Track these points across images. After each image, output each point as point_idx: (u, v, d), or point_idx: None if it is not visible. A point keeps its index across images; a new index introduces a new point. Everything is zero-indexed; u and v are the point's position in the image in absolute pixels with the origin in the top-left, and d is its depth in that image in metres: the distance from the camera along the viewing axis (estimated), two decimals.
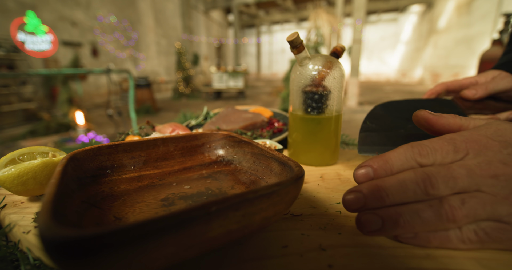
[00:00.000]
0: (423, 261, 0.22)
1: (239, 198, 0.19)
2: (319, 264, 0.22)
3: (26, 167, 0.29)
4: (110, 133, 3.73)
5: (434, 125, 0.27)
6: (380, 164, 0.24)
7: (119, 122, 3.24)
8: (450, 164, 0.23)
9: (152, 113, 5.29)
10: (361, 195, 0.23)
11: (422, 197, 0.22)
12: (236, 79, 6.58)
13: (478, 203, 0.21)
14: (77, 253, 0.14)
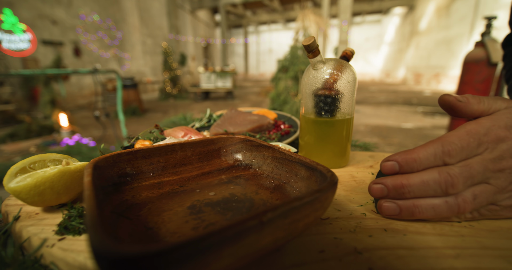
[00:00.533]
0: (454, 261, 0.23)
1: (287, 206, 0.19)
2: (359, 267, 0.22)
3: (43, 177, 0.28)
4: (96, 135, 3.61)
5: (459, 111, 0.28)
6: (408, 161, 0.26)
7: (107, 124, 3.14)
8: (471, 159, 0.25)
9: (138, 114, 5.17)
10: (386, 188, 0.27)
11: (440, 194, 0.25)
12: (224, 80, 6.55)
13: (485, 196, 0.25)
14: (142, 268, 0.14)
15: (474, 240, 0.26)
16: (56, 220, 0.28)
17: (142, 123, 4.56)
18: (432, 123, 4.00)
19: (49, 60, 4.93)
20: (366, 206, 0.32)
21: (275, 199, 0.30)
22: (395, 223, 0.29)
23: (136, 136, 0.46)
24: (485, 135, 0.25)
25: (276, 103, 5.02)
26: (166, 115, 5.18)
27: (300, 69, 4.67)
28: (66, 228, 0.26)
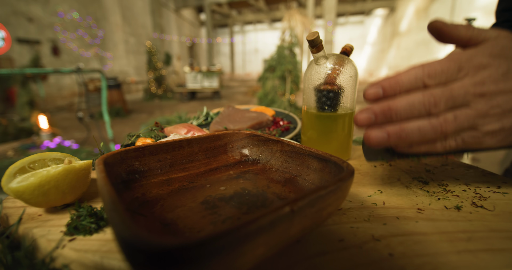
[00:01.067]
0: (467, 244, 0.24)
1: (314, 195, 0.19)
2: (380, 254, 0.23)
3: (48, 175, 0.26)
4: (78, 137, 3.48)
5: (445, 36, 0.28)
6: (391, 84, 0.26)
7: (91, 126, 3.03)
8: (451, 84, 0.25)
9: (122, 115, 5.02)
10: (373, 115, 0.26)
11: (424, 114, 0.25)
12: (211, 79, 6.49)
13: (465, 117, 0.25)
14: (180, 261, 0.14)
15: (481, 224, 0.27)
16: (62, 221, 0.27)
17: (126, 124, 4.44)
18: None
19: (25, 59, 4.69)
20: (374, 197, 0.33)
21: (288, 192, 0.30)
22: (405, 212, 0.29)
23: (137, 133, 0.45)
24: (467, 61, 0.25)
25: (263, 103, 5.03)
26: (152, 116, 5.06)
27: (287, 69, 4.71)
28: (76, 228, 0.25)
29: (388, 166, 0.44)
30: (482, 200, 0.32)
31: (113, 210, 0.16)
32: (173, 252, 0.13)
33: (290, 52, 4.77)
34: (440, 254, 0.22)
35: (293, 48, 4.94)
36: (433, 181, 0.38)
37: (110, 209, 0.17)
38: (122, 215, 0.16)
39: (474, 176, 0.40)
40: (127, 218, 0.16)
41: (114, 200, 0.18)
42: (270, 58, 4.76)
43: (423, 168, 0.43)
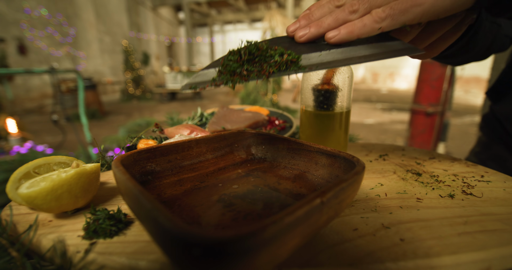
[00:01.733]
0: (465, 227, 0.27)
1: (338, 187, 0.21)
2: (392, 239, 0.25)
3: (61, 179, 0.26)
4: (50, 141, 3.28)
5: None
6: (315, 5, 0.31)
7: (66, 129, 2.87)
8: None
9: (98, 118, 4.80)
10: (298, 23, 0.30)
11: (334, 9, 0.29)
12: None
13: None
14: (235, 252, 0.14)
15: (473, 209, 0.30)
16: (76, 226, 0.26)
17: (103, 127, 4.25)
18: (390, 118, 4.36)
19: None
20: (376, 189, 0.35)
21: (299, 187, 0.31)
22: (407, 201, 0.32)
23: (138, 135, 0.44)
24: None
25: (246, 103, 5.04)
26: (131, 118, 4.89)
27: None
28: (96, 231, 0.24)
29: (383, 160, 0.47)
30: (470, 188, 0.35)
31: (155, 209, 0.17)
32: (228, 243, 0.14)
33: None
34: (444, 237, 0.25)
35: None
36: (425, 173, 0.41)
37: (150, 208, 0.17)
38: (166, 213, 0.16)
39: (460, 167, 0.43)
40: (173, 215, 0.16)
41: (151, 199, 0.18)
42: None
43: (414, 161, 0.46)
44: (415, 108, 1.88)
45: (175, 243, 0.15)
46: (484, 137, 0.64)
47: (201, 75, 0.29)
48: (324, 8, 0.30)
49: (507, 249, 0.24)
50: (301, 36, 0.29)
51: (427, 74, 1.65)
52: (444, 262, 0.22)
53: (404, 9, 0.25)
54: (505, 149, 0.56)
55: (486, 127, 0.62)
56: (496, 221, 0.28)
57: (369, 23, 0.27)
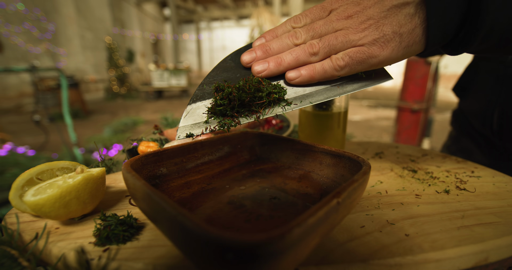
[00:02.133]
0: (463, 221, 0.28)
1: (350, 188, 0.22)
2: (398, 235, 0.26)
3: (69, 186, 0.25)
4: (31, 142, 3.15)
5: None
6: (269, 32, 0.31)
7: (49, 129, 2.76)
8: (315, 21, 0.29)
9: (82, 117, 4.65)
10: (254, 54, 0.30)
11: (293, 46, 0.29)
12: (179, 77, 6.29)
13: (332, 37, 0.27)
14: (267, 255, 0.15)
15: (468, 204, 0.32)
16: (85, 232, 0.26)
17: (87, 127, 4.12)
18: (376, 115, 4.47)
19: None
20: (376, 187, 0.37)
21: (305, 187, 0.32)
22: (407, 198, 0.33)
23: (139, 137, 0.44)
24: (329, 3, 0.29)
25: None
26: (116, 117, 4.76)
27: None
28: (108, 237, 0.24)
29: (379, 158, 0.49)
30: (463, 183, 0.38)
31: (180, 215, 0.17)
32: (261, 246, 0.14)
33: None
34: (445, 231, 0.26)
35: None
36: (420, 170, 0.43)
37: (175, 214, 0.17)
38: (194, 219, 0.16)
39: (451, 164, 0.46)
40: (200, 221, 0.16)
41: (174, 205, 0.18)
42: None
43: (408, 158, 0.48)
44: (401, 105, 1.94)
45: (206, 248, 0.15)
46: (454, 131, 0.69)
47: (192, 114, 0.30)
48: (282, 42, 0.30)
49: (502, 240, 0.25)
50: (259, 72, 0.29)
51: (412, 72, 1.72)
52: (448, 255, 0.24)
53: (362, 60, 0.27)
54: (471, 142, 0.60)
55: (455, 122, 0.67)
56: (490, 215, 0.29)
57: (330, 71, 0.28)
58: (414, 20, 0.25)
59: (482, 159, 0.57)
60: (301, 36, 0.29)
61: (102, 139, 3.56)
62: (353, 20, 0.27)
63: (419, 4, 0.24)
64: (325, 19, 0.28)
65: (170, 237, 0.19)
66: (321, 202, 0.19)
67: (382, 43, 0.26)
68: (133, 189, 0.23)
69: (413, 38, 0.26)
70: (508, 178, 0.40)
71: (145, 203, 0.21)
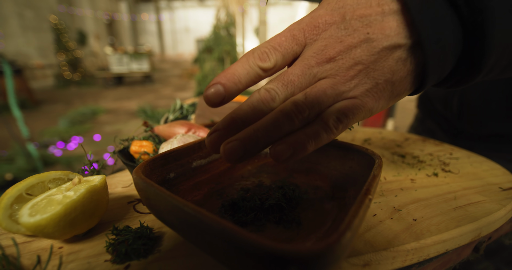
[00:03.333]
0: (456, 202, 0.32)
1: (374, 183, 0.23)
2: (407, 221, 0.28)
3: (73, 202, 0.23)
4: None
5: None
6: (227, 78, 0.21)
7: None
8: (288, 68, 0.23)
9: (30, 108, 4.15)
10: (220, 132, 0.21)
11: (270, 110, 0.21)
12: (140, 62, 5.86)
13: (318, 91, 0.21)
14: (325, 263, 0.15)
15: (456, 185, 0.36)
16: (96, 249, 0.24)
17: (38, 118, 3.70)
18: None
19: None
20: None
21: (315, 180, 0.33)
22: (404, 183, 0.36)
23: (130, 137, 0.40)
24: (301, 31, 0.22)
25: (203, 85, 4.85)
26: (71, 106, 4.33)
27: (225, 50, 4.60)
28: (127, 253, 0.22)
29: (368, 144, 0.51)
30: (446, 166, 0.41)
31: (228, 229, 0.16)
32: (323, 255, 0.14)
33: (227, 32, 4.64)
34: (445, 213, 0.29)
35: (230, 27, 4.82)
36: (407, 154, 0.46)
37: (221, 229, 0.16)
38: (246, 233, 0.16)
39: (431, 147, 0.50)
40: (252, 234, 0.16)
41: (218, 220, 0.17)
42: (206, 39, 4.54)
43: (393, 143, 0.52)
44: None
45: (263, 263, 0.15)
46: (419, 113, 0.75)
47: None
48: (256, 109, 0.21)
49: (491, 217, 0.29)
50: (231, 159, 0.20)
51: None
52: (452, 235, 0.26)
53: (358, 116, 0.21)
54: (435, 124, 0.67)
55: (421, 105, 0.74)
56: (476, 194, 0.33)
57: (326, 137, 0.21)
58: (406, 66, 0.21)
59: (444, 138, 0.64)
60: (278, 97, 0.21)
61: (58, 131, 3.24)
62: (338, 65, 0.21)
63: (411, 47, 0.20)
64: (301, 63, 0.21)
65: (211, 252, 0.19)
66: (357, 201, 0.19)
67: (375, 93, 0.21)
68: (157, 201, 0.21)
69: (404, 86, 0.22)
70: (482, 158, 0.45)
71: (174, 216, 0.20)
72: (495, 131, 0.52)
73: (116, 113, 3.94)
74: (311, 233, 0.24)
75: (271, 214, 0.27)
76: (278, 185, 0.31)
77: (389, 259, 0.24)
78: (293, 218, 0.26)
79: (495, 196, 0.33)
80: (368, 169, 0.28)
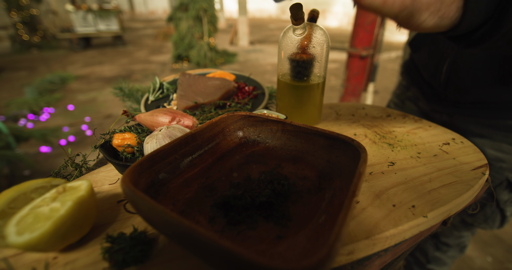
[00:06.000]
0: (432, 184, 0.34)
1: (360, 181, 0.24)
2: (387, 207, 0.30)
3: (62, 216, 0.22)
4: None
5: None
6: None
7: None
8: None
9: None
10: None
11: None
12: (108, 21, 5.27)
13: None
14: None
15: (431, 166, 0.38)
16: (90, 258, 0.24)
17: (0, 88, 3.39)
18: None
19: None
20: None
21: (302, 170, 0.34)
22: (384, 166, 0.38)
23: (110, 130, 0.38)
24: None
25: (180, 48, 4.53)
26: (35, 73, 3.96)
27: (202, 8, 4.20)
28: (125, 261, 0.23)
29: (352, 122, 0.52)
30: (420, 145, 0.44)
31: (231, 251, 0.17)
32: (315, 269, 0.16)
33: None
34: (420, 196, 0.32)
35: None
36: (387, 134, 0.48)
37: (226, 250, 0.17)
38: (238, 251, 0.16)
39: (410, 124, 0.52)
40: (246, 252, 0.16)
41: (221, 242, 0.17)
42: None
43: (376, 121, 0.53)
44: (351, 52, 2.00)
45: None
46: (404, 81, 0.77)
47: None
48: None
49: (461, 198, 0.32)
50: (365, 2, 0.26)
51: (362, 18, 1.72)
52: (427, 219, 0.29)
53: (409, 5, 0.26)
54: (419, 91, 0.69)
55: (406, 73, 0.75)
56: (449, 175, 0.36)
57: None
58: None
59: (425, 106, 0.67)
60: None
61: (26, 102, 3.00)
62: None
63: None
64: None
65: (206, 262, 0.19)
66: (345, 207, 0.20)
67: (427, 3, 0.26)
68: (148, 214, 0.21)
69: (449, 12, 0.27)
70: (457, 135, 0.47)
71: (169, 230, 0.20)
72: (477, 98, 0.55)
73: (88, 80, 3.67)
74: (301, 229, 0.25)
75: (262, 210, 0.28)
76: (268, 179, 0.31)
77: (370, 246, 0.26)
78: (283, 214, 0.27)
79: (465, 176, 0.36)
80: (353, 161, 0.29)
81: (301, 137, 0.36)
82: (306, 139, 0.36)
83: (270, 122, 0.38)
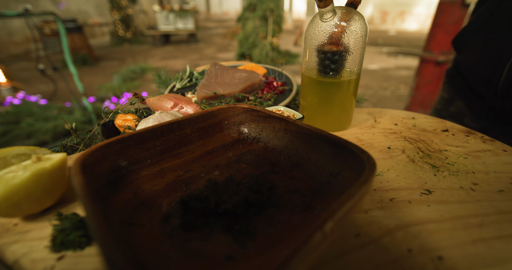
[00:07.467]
0: (480, 231, 0.24)
1: (340, 212, 0.17)
2: (398, 249, 0.22)
3: (14, 185, 0.22)
4: (44, 90, 3.19)
5: None
6: None
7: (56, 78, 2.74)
8: None
9: (90, 64, 4.54)
10: None
11: None
12: (185, 20, 5.80)
13: None
14: None
15: (489, 205, 0.27)
16: (43, 232, 0.24)
17: (96, 74, 4.06)
18: (395, 64, 4.11)
19: None
20: (382, 176, 0.32)
21: (296, 180, 0.28)
22: (416, 193, 0.29)
23: (114, 110, 0.38)
24: None
25: (244, 47, 4.68)
26: (124, 63, 4.63)
27: (269, 8, 4.25)
28: (63, 244, 0.21)
29: (390, 133, 0.42)
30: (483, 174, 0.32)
31: None
32: None
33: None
34: (457, 246, 0.22)
35: None
36: (435, 153, 0.37)
37: None
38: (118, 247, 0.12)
39: (475, 144, 0.39)
40: None
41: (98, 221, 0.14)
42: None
43: (425, 135, 0.42)
44: (425, 56, 1.71)
45: None
46: (445, 93, 0.62)
47: None
48: None
49: None
50: None
51: (444, 17, 1.44)
52: None
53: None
54: (465, 105, 0.54)
55: (449, 83, 0.60)
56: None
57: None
58: None
59: (473, 124, 0.52)
60: None
61: (112, 87, 3.53)
62: None
63: None
64: None
65: None
66: (302, 240, 0.14)
67: None
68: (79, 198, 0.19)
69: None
70: None
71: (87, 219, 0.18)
72: None
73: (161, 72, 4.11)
74: (259, 254, 0.20)
75: (224, 219, 0.23)
76: (247, 184, 0.26)
77: None
78: (247, 230, 0.22)
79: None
80: (357, 179, 0.22)
81: (304, 140, 0.30)
82: (310, 143, 0.29)
83: (273, 119, 0.32)
